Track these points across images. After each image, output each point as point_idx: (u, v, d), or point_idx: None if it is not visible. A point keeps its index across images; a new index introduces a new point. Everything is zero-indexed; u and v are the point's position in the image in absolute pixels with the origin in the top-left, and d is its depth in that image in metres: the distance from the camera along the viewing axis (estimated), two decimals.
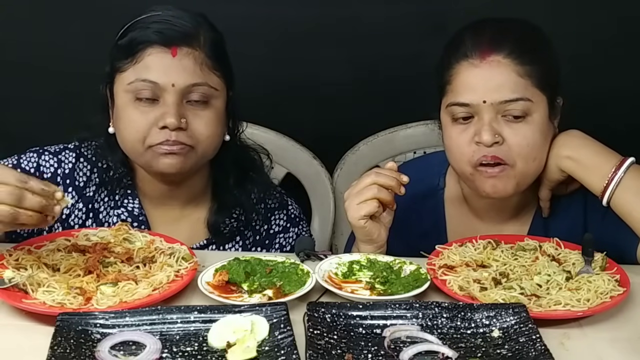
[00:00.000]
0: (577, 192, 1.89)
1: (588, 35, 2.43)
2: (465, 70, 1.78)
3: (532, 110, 1.77)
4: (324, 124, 2.49)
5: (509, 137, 1.77)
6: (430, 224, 1.97)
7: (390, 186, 1.73)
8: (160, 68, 1.78)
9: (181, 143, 1.78)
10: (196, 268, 1.64)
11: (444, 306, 1.50)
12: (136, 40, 1.79)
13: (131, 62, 1.79)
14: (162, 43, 1.78)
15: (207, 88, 1.81)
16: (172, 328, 1.44)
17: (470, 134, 1.78)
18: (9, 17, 2.47)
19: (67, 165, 1.91)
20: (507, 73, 1.76)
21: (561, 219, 1.91)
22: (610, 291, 1.57)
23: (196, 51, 1.80)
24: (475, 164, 1.78)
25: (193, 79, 1.79)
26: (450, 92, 1.81)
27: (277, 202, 2.03)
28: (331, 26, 2.45)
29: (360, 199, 1.72)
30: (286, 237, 2.01)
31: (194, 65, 1.79)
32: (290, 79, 2.47)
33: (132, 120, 1.80)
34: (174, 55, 1.78)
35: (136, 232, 1.76)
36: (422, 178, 1.97)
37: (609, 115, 2.45)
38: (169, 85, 1.77)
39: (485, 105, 1.76)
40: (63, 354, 1.34)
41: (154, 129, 1.78)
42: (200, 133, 1.81)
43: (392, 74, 2.47)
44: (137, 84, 1.78)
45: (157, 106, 1.79)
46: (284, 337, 1.40)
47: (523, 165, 1.78)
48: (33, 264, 1.61)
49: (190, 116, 1.80)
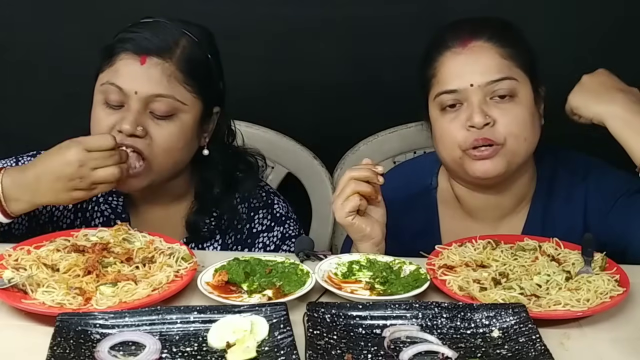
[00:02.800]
0: (577, 193, 1.90)
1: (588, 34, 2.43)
2: (449, 59, 1.83)
3: (518, 89, 1.81)
4: (324, 124, 2.49)
5: (498, 117, 1.80)
6: (424, 224, 1.97)
7: (367, 177, 1.73)
8: (128, 74, 1.80)
9: (136, 152, 1.78)
10: (196, 268, 1.64)
11: (444, 306, 1.50)
12: (114, 45, 1.84)
13: (108, 64, 1.83)
14: (134, 50, 1.81)
15: (173, 101, 1.81)
16: (171, 328, 1.44)
17: (462, 120, 1.81)
18: (9, 17, 2.47)
19: None
20: (491, 55, 1.81)
21: (559, 220, 1.92)
22: (610, 291, 1.57)
23: (166, 63, 1.81)
24: (466, 147, 1.80)
25: (157, 90, 1.80)
26: (436, 84, 1.84)
27: (262, 202, 2.01)
28: (331, 26, 2.45)
29: (342, 197, 1.73)
30: (270, 237, 1.99)
31: (161, 76, 1.80)
32: (290, 79, 2.47)
33: (97, 120, 1.84)
34: (142, 64, 1.80)
35: (136, 232, 1.76)
36: (414, 178, 1.99)
37: None
38: (132, 92, 1.79)
39: (472, 89, 1.79)
40: (62, 354, 1.34)
41: (113, 132, 1.80)
42: (157, 144, 1.81)
43: (392, 74, 2.47)
44: (107, 87, 1.81)
45: (120, 111, 1.81)
46: (284, 337, 1.40)
47: (514, 143, 1.81)
48: (32, 264, 1.61)
49: (152, 126, 1.81)
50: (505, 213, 1.94)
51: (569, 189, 1.93)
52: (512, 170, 1.85)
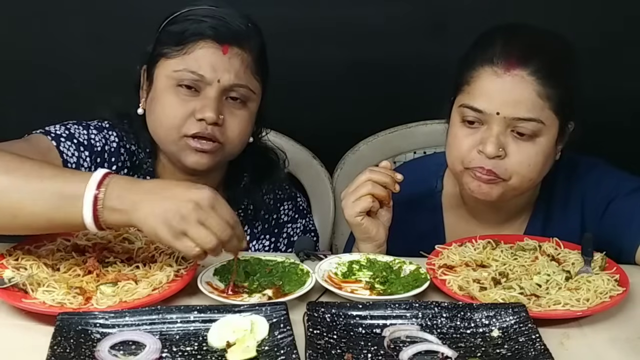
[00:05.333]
0: (574, 196, 1.90)
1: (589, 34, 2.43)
2: (487, 77, 1.75)
3: (542, 132, 1.76)
4: (324, 124, 2.48)
5: (512, 153, 1.76)
6: (428, 226, 1.97)
7: (385, 183, 1.73)
8: (210, 63, 1.79)
9: (213, 140, 1.80)
10: (196, 268, 1.64)
11: (444, 306, 1.50)
12: (189, 31, 1.80)
13: (181, 51, 1.80)
14: (215, 39, 1.80)
15: (247, 90, 1.83)
16: (172, 328, 1.44)
17: (476, 140, 1.77)
18: (8, 17, 2.47)
19: (112, 144, 1.90)
20: (528, 91, 1.73)
21: (558, 223, 1.91)
22: (609, 291, 1.57)
23: (245, 53, 1.82)
24: (469, 167, 1.79)
25: (237, 80, 1.81)
26: (466, 93, 1.79)
27: (286, 194, 2.06)
28: (331, 26, 2.45)
29: (356, 195, 1.73)
30: (294, 228, 2.04)
31: (240, 66, 1.81)
32: (290, 79, 2.46)
33: (171, 105, 1.81)
34: (224, 53, 1.80)
35: (136, 232, 1.76)
36: (419, 179, 1.97)
37: (609, 114, 2.45)
38: (214, 81, 1.79)
39: (497, 117, 1.74)
40: (63, 353, 1.34)
41: (190, 119, 1.80)
42: (232, 131, 1.83)
43: (392, 73, 2.47)
44: (184, 74, 1.79)
45: (198, 97, 1.80)
46: (284, 336, 1.40)
47: (517, 182, 1.78)
48: (33, 264, 1.61)
49: (227, 113, 1.82)
50: (508, 217, 1.94)
51: (568, 192, 1.92)
52: (506, 198, 1.83)
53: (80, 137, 1.87)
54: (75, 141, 1.85)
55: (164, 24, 1.87)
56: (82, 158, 1.85)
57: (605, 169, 1.93)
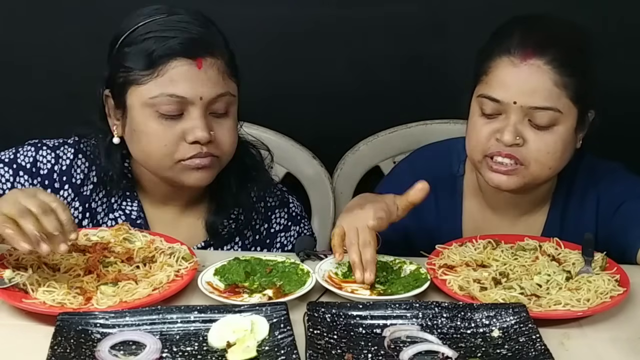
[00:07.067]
0: (590, 196, 1.91)
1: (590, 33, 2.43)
2: (504, 67, 1.77)
3: (560, 121, 1.77)
4: (324, 124, 2.48)
5: (530, 141, 1.77)
6: (448, 209, 1.97)
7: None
8: (187, 81, 1.71)
9: (211, 155, 1.76)
10: (196, 268, 1.64)
11: (444, 306, 1.50)
12: (156, 52, 1.71)
13: (152, 75, 1.71)
14: (187, 55, 1.71)
15: (229, 96, 1.78)
16: (172, 328, 1.44)
17: (494, 128, 1.79)
18: (8, 17, 2.47)
19: (65, 161, 1.86)
20: (544, 80, 1.75)
21: (576, 214, 1.92)
22: (610, 291, 1.57)
23: (218, 60, 1.75)
24: (487, 155, 1.79)
25: (218, 90, 1.75)
26: (484, 83, 1.80)
27: (278, 200, 1.99)
28: (331, 26, 2.45)
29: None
30: (287, 236, 1.98)
31: (217, 75, 1.75)
32: (290, 79, 2.47)
33: (157, 135, 1.74)
34: (199, 68, 1.72)
35: (136, 232, 1.76)
36: (440, 162, 1.98)
37: (609, 115, 2.45)
38: (196, 99, 1.72)
39: (514, 106, 1.76)
40: (63, 353, 1.34)
41: (182, 144, 1.74)
42: (224, 142, 1.78)
43: (392, 74, 2.47)
44: (162, 99, 1.71)
45: (183, 119, 1.74)
46: (284, 337, 1.40)
47: (537, 169, 1.79)
48: (33, 264, 1.61)
49: (215, 127, 1.77)
50: (525, 211, 1.94)
51: (585, 191, 1.93)
52: (527, 190, 1.84)
53: (23, 161, 1.85)
54: (15, 166, 1.82)
55: (118, 45, 1.77)
56: (19, 183, 1.83)
57: (623, 174, 1.94)
